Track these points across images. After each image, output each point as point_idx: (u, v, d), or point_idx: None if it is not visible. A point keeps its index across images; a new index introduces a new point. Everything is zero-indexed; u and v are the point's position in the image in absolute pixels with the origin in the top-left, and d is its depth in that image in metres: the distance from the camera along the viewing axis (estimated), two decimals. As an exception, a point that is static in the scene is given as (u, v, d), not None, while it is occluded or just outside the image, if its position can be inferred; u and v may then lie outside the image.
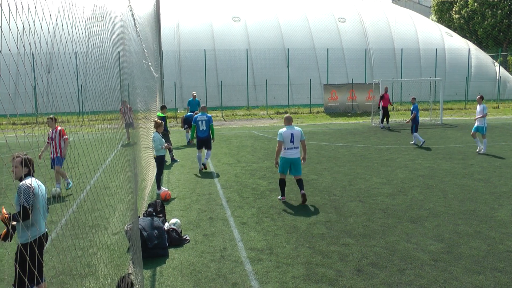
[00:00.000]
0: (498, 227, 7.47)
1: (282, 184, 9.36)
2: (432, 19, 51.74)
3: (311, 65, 32.71)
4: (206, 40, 31.77)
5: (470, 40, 45.17)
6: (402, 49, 33.69)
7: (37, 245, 4.55)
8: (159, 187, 10.08)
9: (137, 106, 9.28)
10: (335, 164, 13.05)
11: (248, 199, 9.54)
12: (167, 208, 8.86)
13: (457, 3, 52.60)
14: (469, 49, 35.79)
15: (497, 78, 36.06)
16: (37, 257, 4.50)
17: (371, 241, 6.95)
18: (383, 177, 11.33)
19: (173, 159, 14.06)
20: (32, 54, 3.17)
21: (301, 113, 29.32)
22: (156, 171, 10.47)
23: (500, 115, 27.97)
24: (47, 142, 10.23)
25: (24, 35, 2.64)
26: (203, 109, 12.99)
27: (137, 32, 8.96)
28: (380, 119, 22.50)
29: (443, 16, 54.93)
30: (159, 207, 7.80)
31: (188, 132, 17.79)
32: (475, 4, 49.52)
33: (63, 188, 10.55)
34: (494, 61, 38.03)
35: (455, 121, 24.86)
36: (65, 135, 10.22)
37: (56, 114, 10.46)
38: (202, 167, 12.54)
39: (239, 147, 16.53)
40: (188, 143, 17.61)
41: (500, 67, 36.85)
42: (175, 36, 31.51)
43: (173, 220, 7.60)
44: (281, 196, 9.37)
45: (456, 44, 37.10)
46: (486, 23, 48.98)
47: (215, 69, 31.17)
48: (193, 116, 16.46)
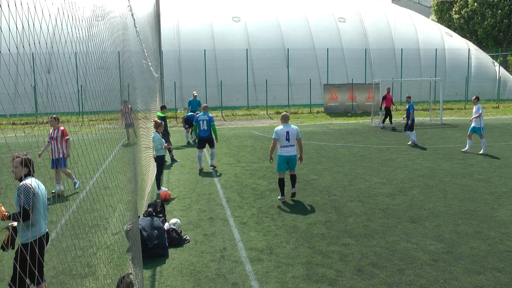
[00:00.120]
0: (498, 227, 7.47)
1: (282, 184, 9.37)
2: (432, 19, 51.74)
3: (311, 65, 32.70)
4: (206, 40, 31.76)
5: (470, 40, 45.16)
6: (402, 49, 33.69)
7: (37, 245, 4.54)
8: (159, 187, 10.09)
9: (137, 106, 9.29)
10: (335, 164, 13.05)
11: (248, 199, 9.54)
12: (167, 208, 8.86)
13: (457, 3, 52.60)
14: (469, 49, 35.79)
15: (497, 78, 36.07)
16: (37, 257, 4.50)
17: (371, 241, 6.95)
18: (383, 177, 11.33)
19: (173, 159, 14.07)
20: (32, 54, 3.16)
21: (301, 113, 29.32)
22: (156, 171, 10.47)
23: (500, 115, 27.97)
24: (48, 141, 10.25)
25: (24, 35, 2.64)
26: (204, 108, 13.08)
27: (137, 32, 8.96)
28: (382, 119, 22.48)
29: (443, 16, 54.94)
30: (159, 207, 7.80)
31: (188, 132, 17.85)
32: (475, 4, 49.51)
33: (67, 188, 10.57)
34: (494, 61, 38.03)
35: (455, 121, 24.86)
36: (67, 135, 10.24)
37: (55, 114, 10.47)
38: (203, 168, 12.60)
39: (239, 147, 16.53)
40: (188, 143, 17.63)
41: (500, 67, 36.85)
42: (175, 36, 31.51)
43: (173, 220, 7.60)
44: (281, 196, 9.37)
45: (456, 44, 37.10)
46: (486, 23, 48.98)
47: (215, 69, 31.17)
48: (194, 115, 16.64)
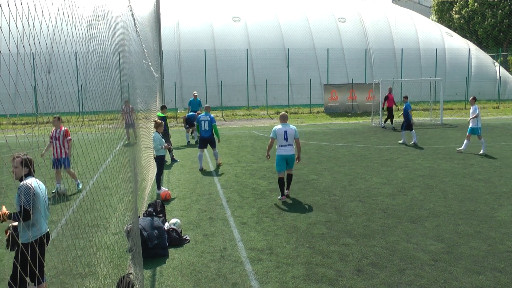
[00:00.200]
0: (499, 227, 7.46)
1: (281, 183, 9.37)
2: (432, 19, 51.72)
3: (311, 65, 32.70)
4: (206, 40, 31.76)
5: (470, 40, 45.15)
6: (402, 49, 33.68)
7: (38, 245, 4.54)
8: (159, 187, 10.09)
9: (137, 106, 9.29)
10: (335, 164, 13.05)
11: (248, 199, 9.54)
12: (167, 208, 8.86)
13: (457, 3, 52.59)
14: (469, 49, 35.78)
15: (497, 78, 36.06)
16: (38, 256, 4.49)
17: (371, 241, 6.95)
18: (383, 177, 11.33)
19: (173, 159, 14.09)
20: (32, 54, 3.16)
21: (301, 113, 29.31)
22: (156, 171, 10.48)
23: (500, 115, 27.97)
24: (50, 141, 10.25)
25: (24, 35, 2.64)
26: (206, 109, 13.19)
27: (137, 32, 8.96)
28: (382, 119, 22.50)
29: (443, 16, 54.92)
30: (159, 207, 7.80)
31: (188, 132, 17.92)
32: (475, 4, 49.50)
33: (68, 188, 10.57)
34: (494, 61, 38.02)
35: (455, 121, 24.85)
36: (69, 135, 10.24)
37: (56, 114, 10.47)
38: (203, 167, 12.69)
39: (239, 147, 16.53)
40: (188, 143, 17.65)
41: (500, 67, 36.84)
42: (175, 36, 31.51)
43: (173, 220, 7.60)
44: (281, 196, 9.38)
45: (456, 44, 37.09)
46: (486, 23, 48.97)
47: (215, 69, 31.17)
48: (195, 115, 16.82)
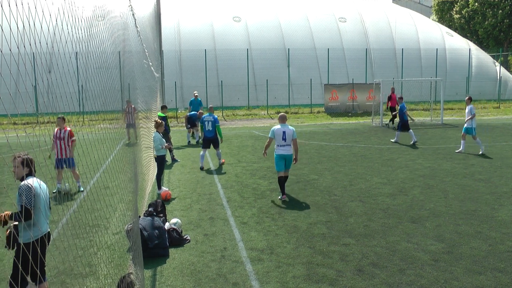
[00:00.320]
0: (499, 227, 7.46)
1: (281, 182, 9.38)
2: (432, 19, 51.70)
3: (312, 65, 32.68)
4: (207, 40, 31.76)
5: (471, 40, 45.11)
6: (402, 49, 33.65)
7: (39, 244, 4.54)
8: (159, 187, 10.10)
9: (137, 106, 9.30)
10: (335, 164, 13.05)
11: (249, 199, 9.54)
12: (168, 208, 8.86)
13: (457, 3, 52.54)
14: (469, 49, 35.75)
15: (497, 78, 36.03)
16: (39, 256, 4.50)
17: (371, 241, 6.95)
18: (383, 177, 11.33)
19: (173, 159, 14.09)
20: (33, 54, 3.17)
21: (301, 113, 29.30)
22: (156, 171, 10.48)
23: (500, 115, 27.95)
24: (54, 141, 10.24)
25: (24, 35, 2.64)
26: (210, 109, 13.41)
27: (137, 32, 8.96)
28: (385, 119, 22.72)
29: (443, 16, 54.89)
30: (159, 207, 7.80)
31: (189, 132, 17.95)
32: (476, 4, 49.46)
33: (70, 188, 10.58)
34: (495, 61, 37.99)
35: (456, 121, 24.83)
36: (73, 136, 10.25)
37: (56, 114, 10.47)
38: (203, 166, 12.75)
39: (240, 147, 16.53)
40: (188, 143, 17.66)
41: (501, 67, 36.81)
42: (175, 36, 31.50)
43: (173, 220, 7.60)
44: (281, 195, 9.38)
45: (457, 44, 37.06)
46: (486, 23, 48.93)
47: (215, 69, 31.16)
48: (197, 115, 16.98)
